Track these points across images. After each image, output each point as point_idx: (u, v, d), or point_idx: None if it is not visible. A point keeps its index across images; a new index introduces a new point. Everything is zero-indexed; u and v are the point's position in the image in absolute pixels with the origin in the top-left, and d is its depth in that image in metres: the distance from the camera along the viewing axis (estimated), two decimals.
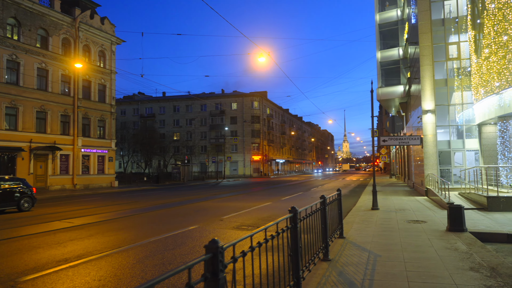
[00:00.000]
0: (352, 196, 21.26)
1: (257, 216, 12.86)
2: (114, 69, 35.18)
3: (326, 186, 31.84)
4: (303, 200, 18.80)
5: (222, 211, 14.32)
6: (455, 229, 8.65)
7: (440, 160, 18.86)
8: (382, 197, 18.74)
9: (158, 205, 17.48)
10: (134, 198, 21.93)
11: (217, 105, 74.77)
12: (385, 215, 11.98)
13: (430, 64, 18.89)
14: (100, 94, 34.00)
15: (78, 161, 31.12)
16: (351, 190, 27.04)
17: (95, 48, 33.28)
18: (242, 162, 73.42)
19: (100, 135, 33.85)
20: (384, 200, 17.38)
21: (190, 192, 26.44)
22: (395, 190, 23.95)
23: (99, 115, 33.52)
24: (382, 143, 13.69)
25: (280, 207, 15.92)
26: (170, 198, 21.67)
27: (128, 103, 79.29)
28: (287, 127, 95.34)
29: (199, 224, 11.05)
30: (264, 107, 77.38)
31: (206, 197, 21.87)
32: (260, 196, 22.20)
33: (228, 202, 18.41)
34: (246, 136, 73.08)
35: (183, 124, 76.08)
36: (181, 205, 17.00)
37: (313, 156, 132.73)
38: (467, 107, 18.60)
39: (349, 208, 15.22)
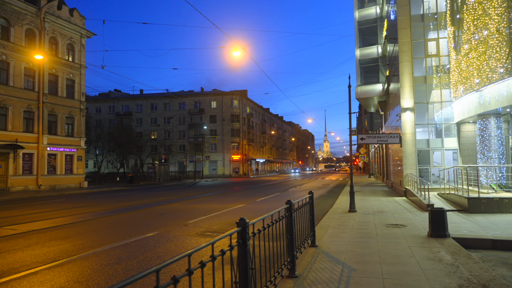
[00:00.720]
0: (330, 197, 20.54)
1: (226, 220, 11.86)
2: (83, 63, 33.41)
3: (304, 186, 31.14)
4: (279, 202, 17.90)
5: (190, 215, 13.24)
6: (437, 234, 7.89)
7: (419, 159, 18.34)
8: (360, 198, 18.06)
9: (122, 208, 16.22)
10: (99, 200, 20.53)
11: (196, 104, 73.28)
12: (362, 218, 11.19)
13: (409, 61, 18.34)
14: (68, 89, 32.19)
15: (43, 160, 29.30)
16: (329, 190, 26.39)
17: (63, 40, 31.46)
18: (222, 161, 72.21)
19: (68, 133, 32.04)
20: (362, 201, 16.68)
21: (162, 193, 25.17)
22: (373, 191, 23.39)
23: (67, 111, 31.72)
24: (360, 141, 12.95)
25: (254, 209, 14.97)
26: (139, 199, 20.39)
27: (103, 101, 76.78)
28: (268, 126, 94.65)
29: (159, 230, 9.96)
30: (244, 106, 76.37)
31: (177, 198, 20.69)
32: (234, 197, 21.19)
33: (200, 204, 17.33)
34: (225, 135, 71.90)
35: (161, 122, 74.20)
36: (147, 208, 15.81)
37: (294, 156, 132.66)
38: (446, 105, 18.14)
39: (326, 210, 14.42)
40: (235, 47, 19.54)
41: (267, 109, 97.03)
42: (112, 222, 11.89)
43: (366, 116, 13.13)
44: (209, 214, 13.35)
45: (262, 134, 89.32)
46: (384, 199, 17.58)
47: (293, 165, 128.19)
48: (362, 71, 30.28)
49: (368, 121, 13.05)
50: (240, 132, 72.93)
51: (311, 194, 7.49)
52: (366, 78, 30.42)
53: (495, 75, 13.08)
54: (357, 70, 29.88)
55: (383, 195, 19.58)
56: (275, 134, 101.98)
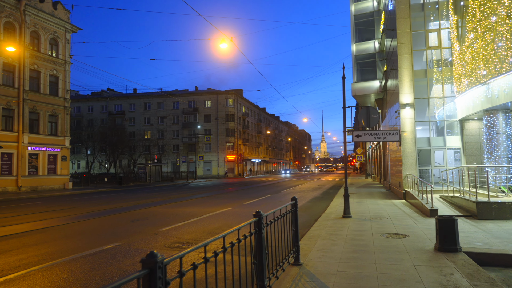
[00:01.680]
0: (324, 199, 19.23)
1: (204, 228, 10.51)
2: (68, 59, 31.96)
3: (299, 188, 29.83)
4: (268, 205, 16.57)
5: (166, 221, 11.89)
6: (446, 248, 6.58)
7: (419, 159, 17.06)
8: (356, 201, 16.75)
9: (96, 212, 14.84)
10: (77, 203, 19.13)
11: (190, 103, 71.87)
12: (358, 226, 9.88)
13: (409, 53, 17.06)
14: (51, 86, 30.72)
15: (24, 160, 27.83)
16: (324, 192, 25.08)
17: (45, 35, 29.99)
18: (216, 162, 70.82)
19: (51, 132, 30.58)
20: (358, 204, 15.38)
21: (148, 195, 23.78)
22: (370, 192, 22.11)
23: (50, 109, 30.26)
24: (355, 139, 11.65)
25: (239, 213, 13.63)
26: (119, 202, 19.00)
27: (96, 100, 75.22)
28: (264, 126, 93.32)
29: (123, 241, 8.61)
30: (239, 105, 75.02)
31: (161, 201, 19.32)
32: (222, 199, 19.85)
33: (182, 207, 15.96)
34: (220, 135, 70.51)
35: (154, 122, 72.73)
36: (123, 212, 14.44)
37: (291, 156, 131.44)
38: (449, 101, 16.88)
39: (318, 214, 13.10)
40: (222, 39, 18.21)
41: (263, 109, 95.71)
42: (76, 229, 10.52)
43: (362, 111, 11.83)
44: (187, 220, 12.00)
45: (258, 134, 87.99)
46: (382, 202, 16.28)
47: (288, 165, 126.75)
48: (359, 67, 29.02)
49: (364, 116, 11.75)
50: (235, 132, 71.56)
51: (294, 201, 6.16)
52: (362, 75, 29.15)
53: (504, 65, 11.81)
54: (353, 66, 28.61)
55: (380, 198, 18.29)
56: (271, 134, 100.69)
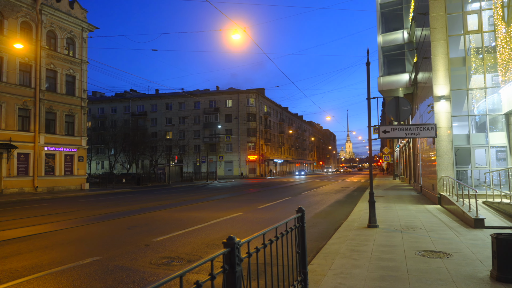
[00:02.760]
0: (347, 203, 17.50)
1: (204, 238, 9.15)
2: (85, 58, 31.57)
3: (321, 189, 28.08)
4: (284, 210, 15.07)
5: (166, 228, 10.63)
6: (509, 278, 4.91)
7: (456, 159, 15.07)
8: (383, 206, 14.97)
9: (98, 216, 13.81)
10: (86, 205, 18.29)
11: (211, 103, 71.18)
12: (386, 239, 8.24)
13: (444, 39, 15.10)
14: (68, 86, 30.39)
15: (40, 160, 27.52)
16: (347, 194, 23.27)
17: (62, 34, 29.67)
18: (238, 162, 69.74)
19: (68, 132, 30.23)
20: (386, 210, 13.61)
21: (161, 197, 22.78)
22: (399, 196, 20.15)
23: (66, 109, 29.91)
24: (382, 135, 9.98)
25: (250, 219, 12.21)
26: (128, 204, 18.01)
27: (119, 101, 75.86)
28: (286, 125, 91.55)
29: (107, 254, 7.37)
30: (260, 105, 73.67)
31: (171, 203, 18.18)
32: (236, 202, 18.49)
33: (190, 211, 14.71)
34: (241, 135, 69.37)
35: (175, 122, 72.48)
36: (125, 217, 13.33)
37: (314, 156, 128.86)
38: (492, 92, 14.81)
39: (339, 222, 11.49)
40: (234, 29, 16.88)
41: (285, 108, 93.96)
42: (63, 238, 9.41)
43: (390, 103, 10.14)
44: (190, 227, 10.69)
45: (280, 134, 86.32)
46: (413, 207, 14.42)
47: (312, 165, 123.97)
48: (385, 60, 26.99)
49: (392, 109, 10.05)
50: (256, 132, 70.22)
51: (301, 213, 4.65)
52: (390, 68, 27.10)
53: None
54: (380, 59, 26.60)
55: (411, 202, 16.39)
56: (294, 133, 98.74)
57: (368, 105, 10.07)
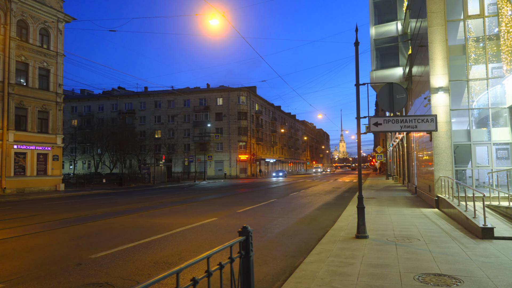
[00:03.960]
0: (337, 206, 15.95)
1: (157, 254, 7.51)
2: (61, 51, 29.68)
3: (311, 190, 26.53)
4: (264, 215, 13.48)
5: (118, 239, 8.98)
6: None
7: (455, 157, 13.59)
8: (375, 209, 13.44)
9: (53, 222, 12.07)
10: (48, 209, 16.51)
11: (201, 101, 69.38)
12: (377, 255, 6.66)
13: (442, 24, 13.60)
14: (42, 80, 28.48)
15: (9, 159, 25.62)
16: (338, 196, 21.74)
17: (34, 25, 27.77)
18: (228, 161, 68.03)
19: (41, 129, 28.33)
20: (378, 215, 12.06)
21: (137, 199, 21.08)
22: (393, 197, 18.65)
23: (40, 105, 28.00)
24: (373, 128, 8.41)
25: (223, 227, 10.58)
26: (96, 208, 16.29)
27: (106, 99, 73.72)
28: (278, 124, 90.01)
29: (21, 277, 5.70)
30: (252, 103, 72.01)
31: (142, 207, 16.48)
32: (215, 205, 16.85)
33: (159, 216, 13.03)
34: (232, 134, 67.66)
35: (164, 121, 70.53)
36: (80, 223, 11.62)
37: (307, 156, 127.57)
38: (494, 83, 13.34)
39: (324, 229, 9.93)
40: (212, 14, 15.24)
41: (278, 107, 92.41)
42: None
43: (383, 90, 8.58)
44: (147, 237, 9.05)
45: (272, 133, 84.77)
46: (408, 211, 12.89)
47: (306, 165, 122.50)
48: (378, 53, 25.53)
49: (385, 97, 8.50)
50: (248, 131, 68.58)
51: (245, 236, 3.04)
52: (383, 61, 25.65)
53: None
54: (372, 52, 25.11)
55: (406, 205, 14.88)
56: (287, 133, 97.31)
57: (357, 92, 8.49)
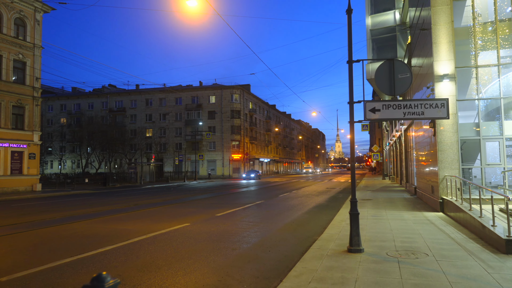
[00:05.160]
0: (329, 209, 14.33)
1: (75, 279, 5.85)
2: (39, 42, 27.86)
3: (303, 191, 24.92)
4: (245, 220, 11.84)
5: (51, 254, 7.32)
6: None
7: (462, 154, 12.01)
8: (371, 213, 11.84)
9: None
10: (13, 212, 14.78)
11: (193, 99, 67.60)
12: (375, 279, 5.04)
13: (447, 4, 12.03)
14: (17, 73, 26.66)
15: None
16: (331, 197, 20.13)
17: (9, 14, 25.94)
18: (221, 161, 66.29)
19: (16, 126, 26.50)
20: (376, 220, 10.46)
21: (113, 200, 19.37)
22: (390, 199, 17.07)
23: (14, 99, 26.18)
24: (370, 116, 6.81)
25: (191, 235, 8.92)
26: (60, 211, 14.57)
27: (96, 96, 71.73)
28: (273, 123, 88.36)
29: None
30: (246, 101, 70.36)
31: (113, 210, 14.78)
32: (194, 207, 15.19)
33: (123, 221, 11.35)
34: (225, 133, 65.93)
35: (156, 119, 68.66)
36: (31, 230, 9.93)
37: (303, 155, 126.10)
38: (506, 71, 11.78)
39: (311, 238, 8.32)
40: None
41: (272, 106, 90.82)
42: None
43: (382, 68, 6.97)
44: (93, 250, 7.39)
45: (266, 132, 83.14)
46: (409, 216, 11.30)
47: (301, 165, 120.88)
48: (375, 44, 23.97)
49: (385, 76, 6.89)
50: (241, 129, 66.91)
51: None
52: (379, 53, 24.10)
53: None
54: (368, 43, 23.54)
55: (406, 208, 13.29)
56: (282, 132, 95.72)
57: (350, 70, 6.86)
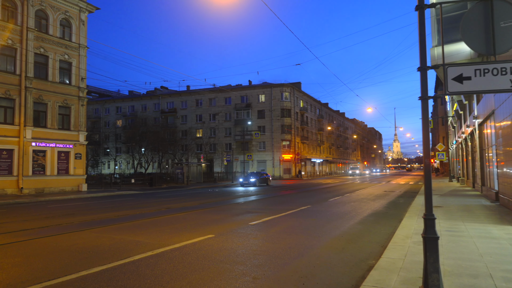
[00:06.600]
0: (388, 218, 11.71)
1: None
2: (84, 43, 27.99)
3: (356, 194, 22.15)
4: (284, 232, 9.71)
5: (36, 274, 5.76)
6: None
7: None
8: (445, 225, 9.12)
9: None
10: (33, 215, 14.07)
11: (242, 98, 66.53)
12: None
13: None
14: (63, 73, 26.90)
15: (27, 158, 24.14)
16: (390, 202, 17.25)
17: (54, 15, 26.22)
18: (271, 161, 64.43)
19: (62, 126, 26.73)
20: (453, 237, 7.79)
21: (150, 202, 18.24)
22: (466, 206, 13.92)
23: (60, 100, 26.40)
24: (454, 88, 4.42)
25: (203, 255, 7.00)
26: (84, 215, 13.53)
27: (149, 98, 73.57)
28: (326, 122, 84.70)
29: None
30: (296, 99, 67.86)
31: (139, 214, 13.43)
32: (225, 213, 13.35)
33: (135, 231, 9.77)
34: (275, 132, 63.98)
35: (206, 119, 68.63)
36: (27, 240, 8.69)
37: (358, 156, 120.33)
38: None
39: (365, 263, 5.99)
40: None
41: (325, 104, 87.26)
42: None
43: (472, 13, 4.53)
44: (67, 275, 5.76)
45: (318, 132, 79.84)
46: (500, 232, 8.43)
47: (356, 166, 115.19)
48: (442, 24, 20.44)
49: (477, 25, 4.44)
50: (291, 129, 64.52)
51: None
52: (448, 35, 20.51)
53: None
54: (433, 23, 20.12)
55: (491, 220, 10.29)
56: (335, 131, 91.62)
57: (420, 16, 4.50)
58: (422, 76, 4.52)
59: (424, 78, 4.52)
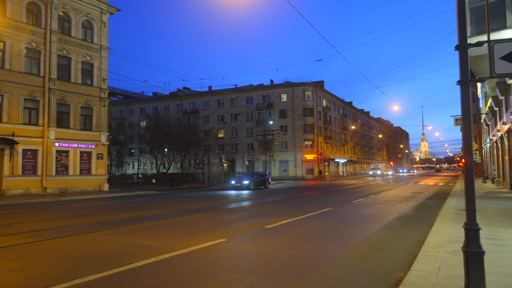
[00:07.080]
0: (416, 222, 10.78)
1: None
2: (105, 44, 28.18)
3: (382, 196, 21.08)
4: (302, 236, 9.01)
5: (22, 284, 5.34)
6: None
7: None
8: (484, 232, 8.14)
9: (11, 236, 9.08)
10: (48, 215, 13.98)
11: (264, 97, 65.95)
12: None
13: None
14: (85, 74, 27.16)
15: (51, 158, 24.45)
16: (419, 205, 16.17)
17: (77, 17, 26.50)
18: (293, 161, 63.49)
19: (84, 126, 26.97)
20: (494, 246, 6.87)
21: (166, 203, 17.94)
22: (505, 210, 12.73)
23: (82, 100, 26.65)
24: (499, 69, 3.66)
25: (211, 263, 6.41)
26: (99, 215, 13.29)
27: (171, 99, 74.24)
28: (349, 122, 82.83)
29: None
30: (319, 98, 66.62)
31: (153, 215, 13.05)
32: (240, 215, 12.76)
33: (143, 234, 9.31)
34: (297, 132, 63.04)
35: (227, 119, 68.49)
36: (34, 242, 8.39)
37: (384, 156, 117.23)
38: None
39: (391, 277, 5.20)
40: None
41: (349, 103, 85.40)
42: None
43: None
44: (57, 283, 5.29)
45: (342, 131, 78.14)
46: None
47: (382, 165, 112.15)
48: (473, 15, 19.15)
49: None
50: (314, 128, 63.34)
51: None
52: (480, 25, 19.21)
53: None
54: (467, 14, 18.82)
55: None
56: (359, 131, 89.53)
57: None
58: (462, 56, 3.75)
59: (464, 58, 3.75)
